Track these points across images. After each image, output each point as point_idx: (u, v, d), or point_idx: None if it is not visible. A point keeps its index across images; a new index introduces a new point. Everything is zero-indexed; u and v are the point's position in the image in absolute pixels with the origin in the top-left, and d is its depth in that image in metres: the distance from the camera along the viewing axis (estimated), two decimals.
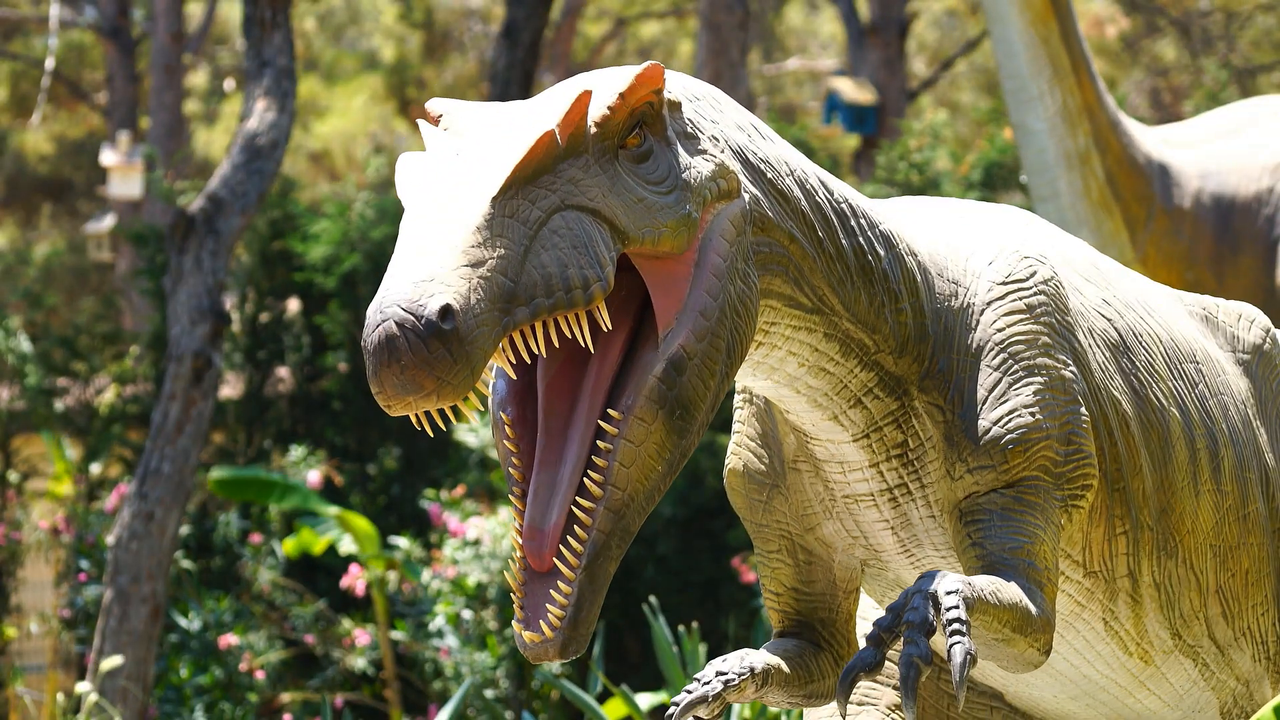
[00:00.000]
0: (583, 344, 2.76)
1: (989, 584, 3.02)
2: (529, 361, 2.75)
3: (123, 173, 21.36)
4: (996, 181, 12.11)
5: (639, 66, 2.86)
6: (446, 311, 2.57)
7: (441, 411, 2.68)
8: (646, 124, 2.87)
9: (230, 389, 12.65)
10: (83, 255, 25.18)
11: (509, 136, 2.78)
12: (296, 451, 11.01)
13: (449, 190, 2.72)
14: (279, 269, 12.44)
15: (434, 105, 2.93)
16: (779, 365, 3.10)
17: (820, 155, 13.34)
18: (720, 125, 3.00)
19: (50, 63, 23.35)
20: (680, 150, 2.90)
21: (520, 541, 2.80)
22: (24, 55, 27.31)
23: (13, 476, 12.18)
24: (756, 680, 3.20)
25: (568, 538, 2.77)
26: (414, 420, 2.70)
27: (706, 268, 2.86)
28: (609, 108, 2.80)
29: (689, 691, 3.14)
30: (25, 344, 12.26)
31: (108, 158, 21.65)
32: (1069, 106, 7.57)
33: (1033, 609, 3.09)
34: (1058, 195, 7.64)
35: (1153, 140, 7.88)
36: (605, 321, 2.76)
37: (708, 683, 3.16)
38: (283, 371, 12.54)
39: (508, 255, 2.65)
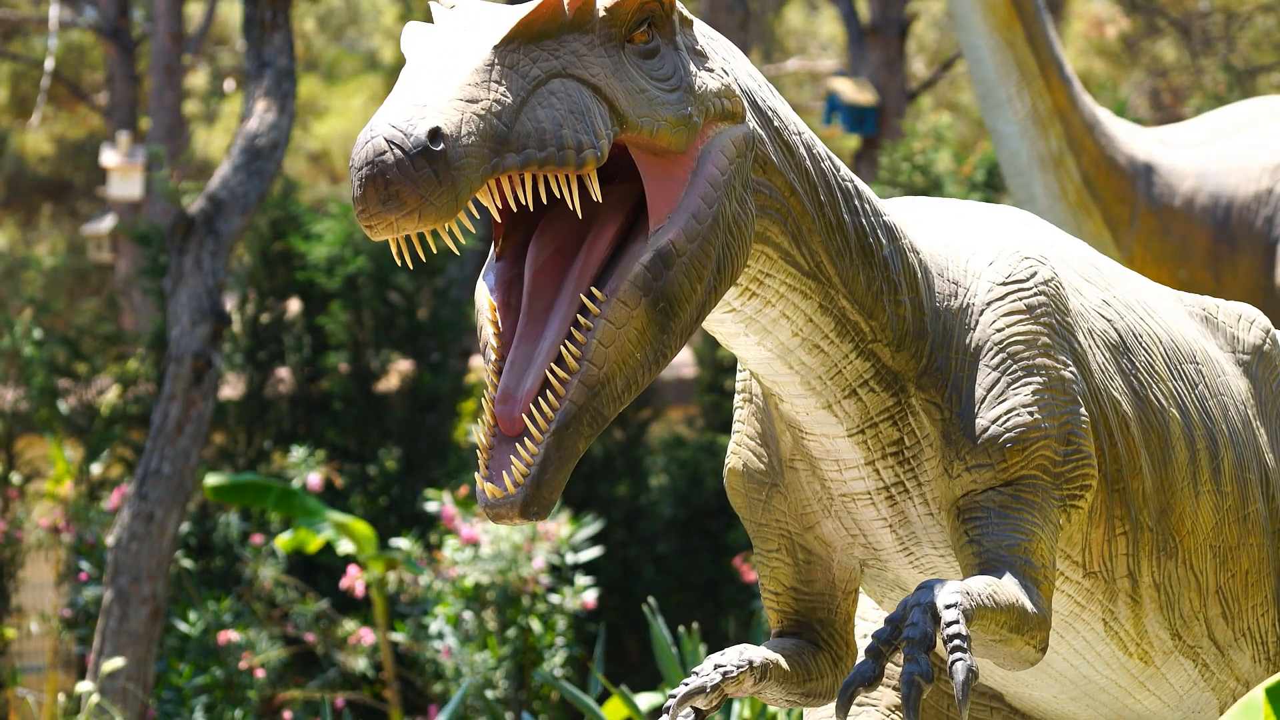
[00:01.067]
0: (570, 207, 2.80)
1: (985, 586, 3.01)
2: (514, 210, 2.80)
3: (123, 173, 21.35)
4: (999, 182, 12.11)
5: None
6: (436, 133, 2.63)
7: (423, 238, 2.72)
8: (655, 24, 2.92)
9: (231, 389, 12.65)
10: (83, 256, 25.17)
11: (518, 9, 2.84)
12: (297, 453, 11.01)
13: (452, 45, 2.78)
14: (280, 270, 12.44)
15: None
16: (771, 328, 3.10)
17: None
18: (731, 65, 3.06)
19: (50, 63, 23.35)
20: (689, 60, 2.97)
21: (492, 407, 2.83)
22: (24, 56, 27.31)
23: (15, 479, 12.18)
24: (755, 674, 3.20)
25: (540, 400, 2.79)
26: (393, 248, 2.74)
27: (704, 175, 2.91)
28: None
29: (686, 684, 3.14)
30: (31, 346, 12.27)
31: (108, 158, 21.65)
32: (1039, 109, 7.59)
33: (1029, 607, 3.08)
34: (1034, 198, 7.66)
35: (1142, 140, 7.88)
36: (595, 192, 2.80)
37: (706, 674, 3.17)
38: (283, 372, 12.54)
39: (504, 100, 2.71)
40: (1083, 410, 3.24)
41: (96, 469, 11.90)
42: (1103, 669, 3.54)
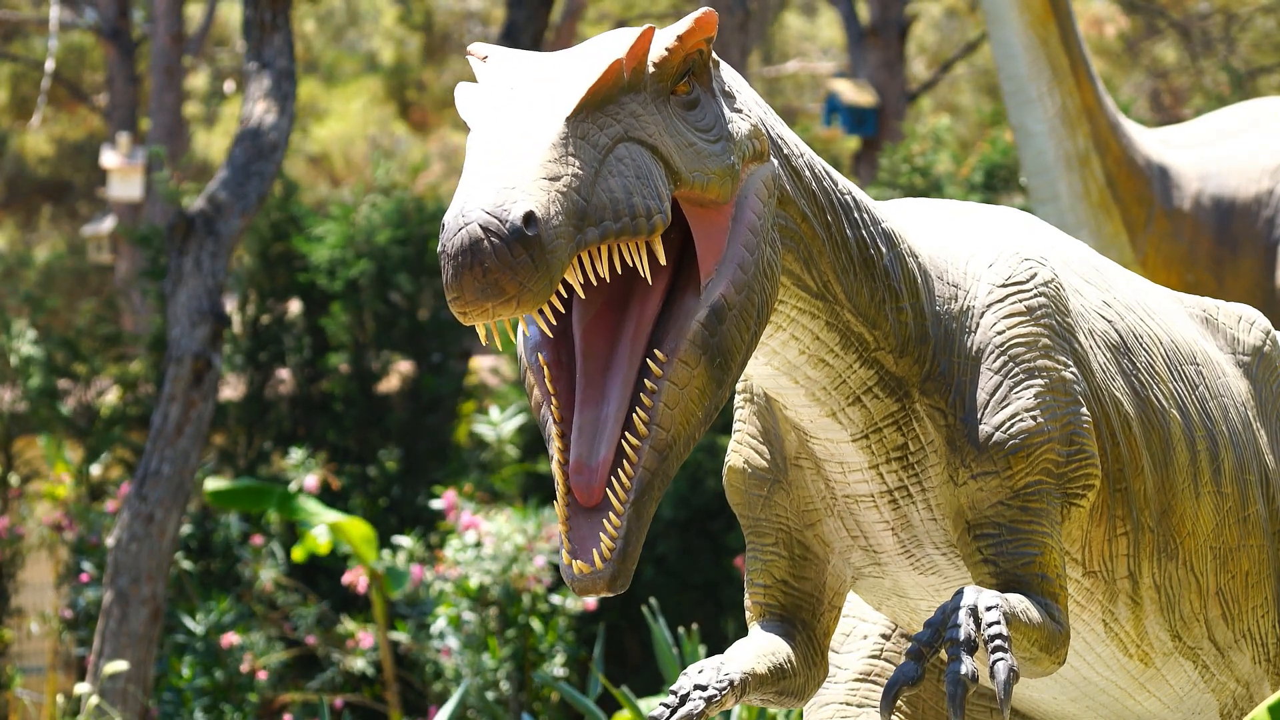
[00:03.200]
0: (643, 274, 2.78)
1: (1020, 602, 3.06)
2: (594, 284, 2.77)
3: (123, 174, 21.36)
4: (998, 183, 12.11)
5: (696, 12, 2.90)
6: (530, 218, 2.60)
7: (504, 325, 2.71)
8: (695, 73, 2.91)
9: (231, 390, 12.65)
10: (82, 257, 25.17)
11: (574, 69, 2.81)
12: (296, 455, 11.01)
13: (518, 113, 2.75)
14: (280, 271, 12.44)
15: (479, 48, 2.96)
16: (780, 349, 3.10)
17: (821, 157, 13.34)
18: (744, 95, 3.04)
19: (50, 64, 23.34)
20: (723, 105, 2.95)
21: (565, 479, 2.81)
22: (24, 57, 27.31)
23: (13, 479, 12.18)
24: (735, 692, 3.19)
25: (619, 471, 2.78)
26: (481, 332, 2.71)
27: (744, 223, 2.90)
28: (667, 49, 2.85)
29: (666, 706, 3.12)
30: (29, 346, 12.26)
31: (108, 159, 21.65)
32: (1068, 108, 7.57)
33: (1055, 627, 3.13)
34: (1057, 197, 7.63)
35: (1152, 142, 7.88)
36: (661, 255, 2.79)
37: (687, 695, 3.13)
38: (284, 373, 12.54)
39: (581, 174, 2.68)
40: (1084, 411, 3.24)
41: (96, 470, 11.90)
42: (1103, 670, 3.54)
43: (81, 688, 7.64)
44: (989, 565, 3.18)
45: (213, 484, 10.38)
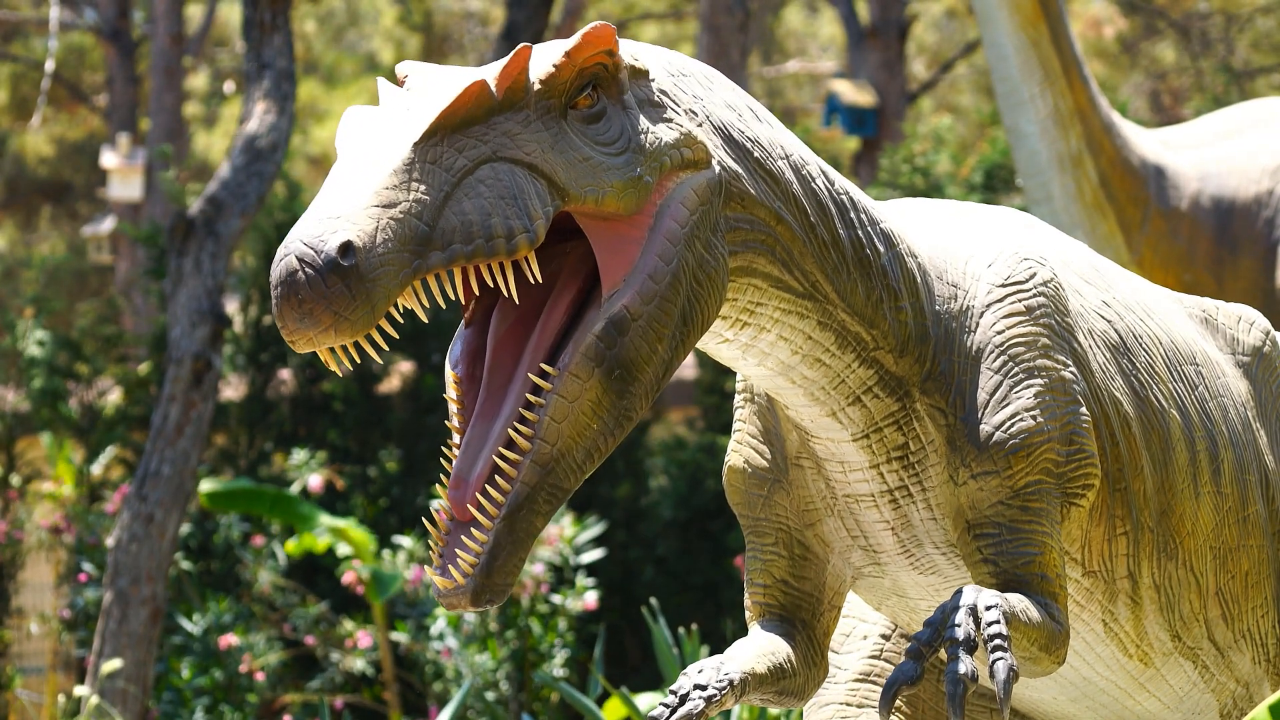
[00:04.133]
0: (505, 294, 2.77)
1: (1020, 602, 3.06)
2: (444, 306, 2.77)
3: (123, 175, 21.36)
4: (998, 184, 12.12)
5: (588, 26, 2.87)
6: (347, 248, 2.58)
7: (347, 349, 2.69)
8: (600, 85, 2.87)
9: (232, 391, 12.66)
10: (82, 258, 25.19)
11: (444, 89, 2.79)
12: (298, 455, 11.01)
13: (375, 137, 2.74)
14: None
15: (402, 67, 2.96)
16: (770, 350, 3.10)
17: (820, 157, 13.34)
18: (705, 101, 3.00)
19: (50, 65, 23.35)
20: (639, 116, 2.90)
21: (445, 491, 2.81)
22: (24, 57, 27.31)
23: (15, 480, 12.18)
24: (735, 692, 3.19)
25: (487, 487, 2.77)
26: (322, 357, 2.70)
27: (661, 233, 2.86)
28: (554, 65, 2.81)
29: (666, 706, 3.12)
30: (34, 346, 12.26)
31: (108, 160, 21.66)
32: (1060, 109, 7.57)
33: (1055, 626, 3.13)
34: (1051, 198, 7.64)
35: (1149, 143, 7.88)
36: (534, 274, 2.76)
37: (686, 695, 3.13)
38: (285, 374, 12.55)
39: (425, 200, 2.65)
40: (1084, 410, 3.24)
41: (97, 470, 11.91)
42: (1102, 670, 3.54)
43: (82, 689, 7.64)
44: (989, 565, 3.18)
45: (207, 485, 10.38)
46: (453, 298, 2.73)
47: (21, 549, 11.91)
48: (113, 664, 8.14)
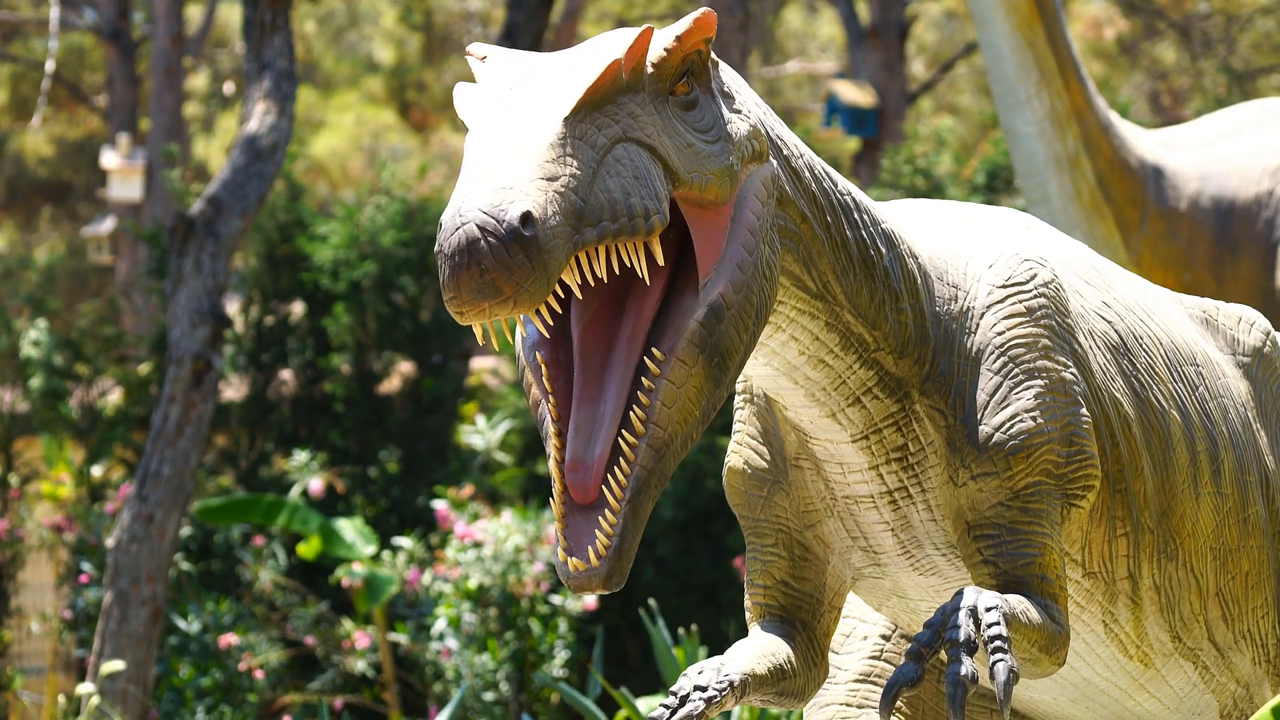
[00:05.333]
0: (640, 274, 2.79)
1: (1020, 603, 3.06)
2: (591, 285, 2.77)
3: (123, 175, 21.35)
4: (1000, 185, 12.11)
5: (695, 13, 2.90)
6: (527, 218, 2.60)
7: (501, 325, 2.70)
8: (694, 74, 2.90)
9: (233, 391, 12.66)
10: (82, 258, 25.18)
11: (572, 68, 2.81)
12: (299, 457, 11.01)
13: (516, 113, 2.75)
14: (284, 272, 12.45)
15: (478, 48, 2.96)
16: (780, 349, 3.10)
17: (821, 158, 13.33)
18: (743, 96, 3.04)
19: (50, 65, 23.35)
20: (723, 106, 2.95)
21: (562, 476, 2.80)
22: (24, 58, 27.31)
23: (13, 479, 12.18)
24: (735, 693, 3.19)
25: (615, 469, 2.78)
26: (478, 331, 2.71)
27: (743, 223, 2.89)
28: (666, 49, 2.85)
29: (666, 707, 3.12)
30: (30, 347, 12.26)
31: (108, 160, 21.65)
32: (1057, 110, 7.57)
33: (1055, 628, 3.14)
34: (1048, 199, 7.64)
35: (1148, 143, 7.87)
36: (659, 255, 2.79)
37: (686, 696, 3.13)
38: (286, 374, 12.55)
39: (579, 175, 2.68)
40: (1084, 411, 3.24)
41: (98, 471, 11.91)
42: (1103, 671, 3.54)
43: (83, 688, 7.64)
44: (989, 566, 3.18)
45: (201, 504, 10.38)
46: (600, 275, 2.74)
47: (22, 549, 11.91)
48: (113, 665, 8.13)
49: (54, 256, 24.36)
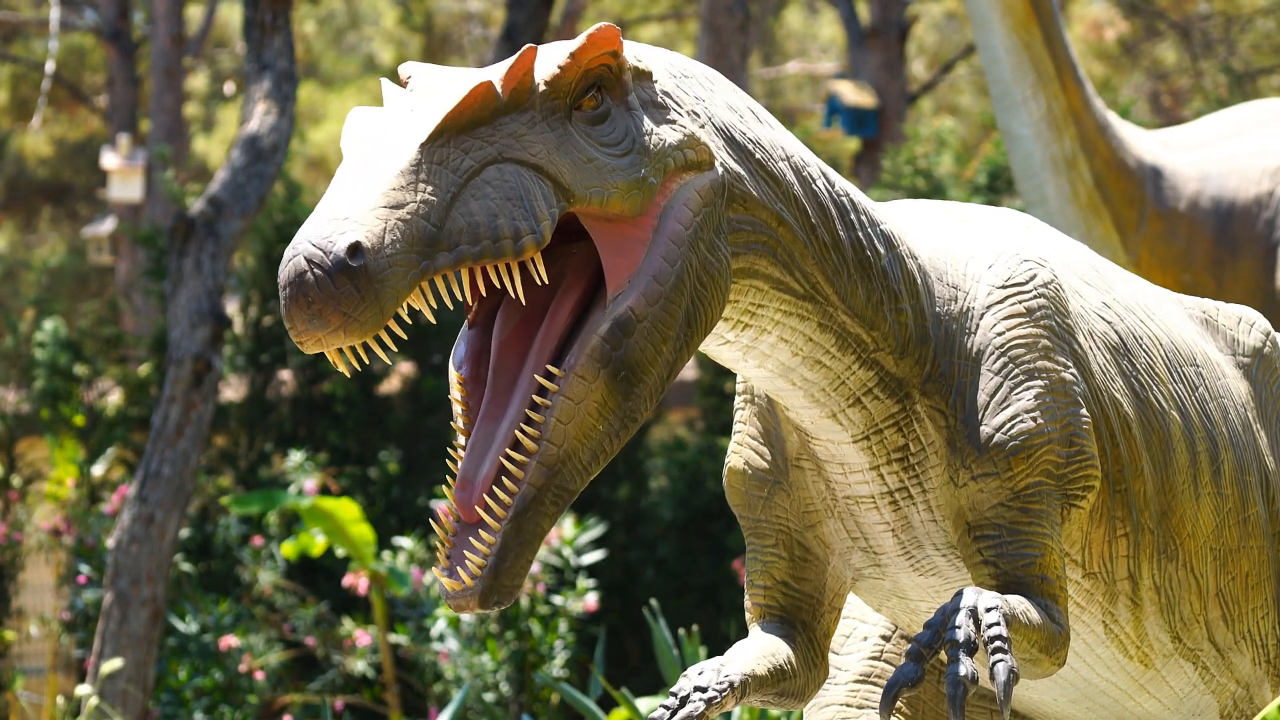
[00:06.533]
0: (512, 295, 2.77)
1: (1020, 604, 3.05)
2: (450, 307, 2.76)
3: (123, 176, 21.36)
4: (1001, 185, 12.11)
5: (593, 28, 2.87)
6: (355, 249, 2.58)
7: (355, 350, 2.68)
8: (605, 87, 2.87)
9: (233, 392, 12.66)
10: (83, 259, 25.19)
11: (450, 90, 2.79)
12: (295, 458, 11.01)
13: (382, 138, 2.74)
14: None
15: (405, 68, 2.96)
16: (770, 352, 3.10)
17: (821, 158, 13.34)
18: (706, 103, 3.00)
19: (50, 66, 23.36)
20: (643, 117, 2.90)
21: (451, 493, 2.81)
22: (24, 58, 27.32)
23: (15, 480, 12.19)
24: (735, 694, 3.19)
25: (495, 489, 2.77)
26: (330, 358, 2.70)
27: (665, 234, 2.86)
28: (559, 66, 2.81)
29: (666, 708, 3.11)
30: (38, 348, 12.26)
31: (108, 161, 21.66)
32: (1054, 111, 7.58)
33: (1055, 628, 3.13)
34: (1045, 200, 7.65)
35: (1147, 144, 7.88)
36: (540, 275, 2.77)
37: (687, 697, 3.13)
38: (285, 374, 12.55)
39: (432, 200, 2.66)
40: (1084, 412, 3.24)
41: (98, 471, 11.91)
42: (1103, 671, 3.54)
43: (82, 689, 7.64)
44: (989, 566, 3.18)
45: (229, 498, 10.41)
46: (460, 299, 2.73)
47: (21, 550, 11.91)
48: (113, 664, 8.13)
49: (57, 257, 24.37)
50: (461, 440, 2.85)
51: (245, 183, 8.95)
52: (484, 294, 2.77)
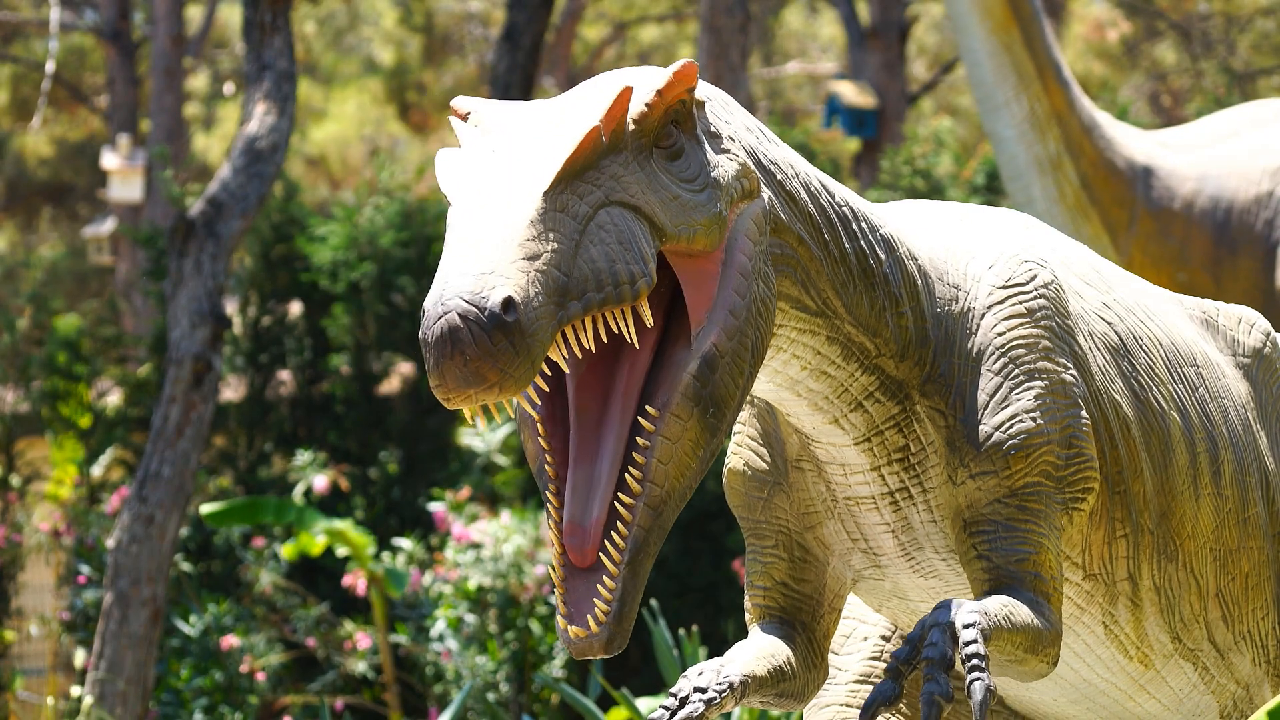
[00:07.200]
0: (629, 339, 2.77)
1: (1001, 607, 3.04)
2: (579, 357, 2.76)
3: (123, 176, 21.36)
4: (1000, 186, 12.11)
5: (676, 64, 2.87)
6: (509, 304, 2.58)
7: (502, 406, 2.69)
8: (678, 122, 2.88)
9: (232, 392, 12.65)
10: (83, 259, 25.19)
11: (553, 132, 2.79)
12: (303, 457, 11.00)
13: (497, 184, 2.73)
14: (282, 272, 12.45)
15: (460, 103, 2.95)
16: (782, 368, 3.10)
17: (821, 159, 13.35)
18: (733, 126, 3.02)
19: (51, 66, 23.35)
20: (708, 148, 2.92)
21: (560, 538, 2.80)
22: (25, 58, 27.31)
23: (15, 480, 12.18)
24: (735, 694, 3.19)
25: (611, 533, 2.77)
26: (466, 414, 2.69)
27: (734, 267, 2.87)
28: (647, 105, 2.82)
29: (666, 708, 3.11)
30: (51, 346, 12.26)
31: (108, 161, 21.66)
32: (1036, 112, 7.59)
33: (1043, 625, 3.12)
34: (1032, 201, 7.66)
35: (1140, 144, 7.88)
36: (648, 317, 2.78)
37: (686, 698, 3.13)
38: (284, 375, 12.54)
39: (560, 249, 2.66)
40: (1084, 413, 3.24)
41: (97, 471, 11.91)
42: (1103, 672, 3.54)
43: (78, 689, 7.64)
44: (983, 561, 3.18)
45: (208, 508, 10.38)
46: (589, 347, 2.71)
47: (21, 551, 11.91)
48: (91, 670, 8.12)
49: (55, 255, 24.36)
50: (551, 483, 2.83)
51: (245, 183, 8.95)
52: (604, 340, 2.75)
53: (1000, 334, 3.24)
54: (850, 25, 19.80)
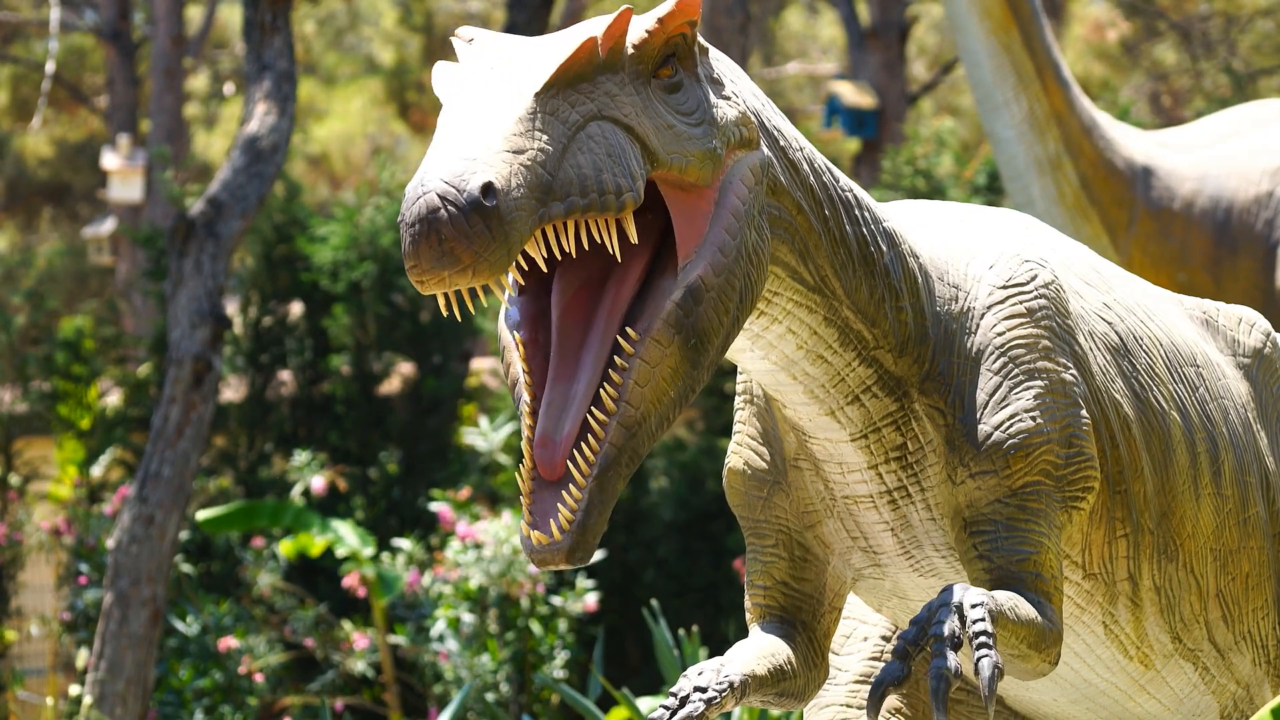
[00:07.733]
0: (610, 251, 2.80)
1: (1008, 600, 3.05)
2: (559, 258, 2.79)
3: (123, 176, 21.36)
4: (1000, 186, 12.11)
5: None
6: (489, 188, 2.61)
7: (473, 293, 2.71)
8: (679, 57, 2.92)
9: (232, 392, 12.65)
10: (82, 259, 25.19)
11: (549, 45, 2.83)
12: (300, 457, 11.00)
13: (491, 87, 2.77)
14: (282, 272, 12.45)
15: (465, 31, 2.98)
16: (777, 343, 3.11)
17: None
18: (738, 85, 3.06)
19: (51, 66, 23.35)
20: (709, 90, 2.96)
21: (531, 450, 2.82)
22: (24, 59, 27.32)
23: (14, 480, 12.18)
24: (735, 694, 3.19)
25: (581, 445, 2.79)
26: (441, 302, 2.72)
27: (727, 207, 2.90)
28: (647, 31, 2.87)
29: (666, 708, 3.12)
30: (60, 349, 12.26)
31: (108, 161, 21.66)
32: (1036, 113, 7.60)
33: (1046, 624, 3.12)
34: (1031, 202, 7.67)
35: (1140, 144, 7.88)
36: (632, 234, 2.80)
37: (686, 697, 3.13)
38: (285, 375, 12.54)
39: (547, 150, 2.70)
40: (1084, 412, 3.24)
41: (97, 471, 11.91)
42: (1103, 672, 3.54)
43: (77, 689, 7.64)
44: (983, 561, 3.18)
45: (204, 513, 10.38)
46: (568, 249, 2.75)
47: (21, 550, 11.91)
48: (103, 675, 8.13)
49: (54, 253, 24.37)
50: (527, 399, 2.86)
51: (245, 183, 8.95)
52: (585, 246, 2.79)
53: (1000, 333, 3.25)
54: (850, 26, 19.80)
